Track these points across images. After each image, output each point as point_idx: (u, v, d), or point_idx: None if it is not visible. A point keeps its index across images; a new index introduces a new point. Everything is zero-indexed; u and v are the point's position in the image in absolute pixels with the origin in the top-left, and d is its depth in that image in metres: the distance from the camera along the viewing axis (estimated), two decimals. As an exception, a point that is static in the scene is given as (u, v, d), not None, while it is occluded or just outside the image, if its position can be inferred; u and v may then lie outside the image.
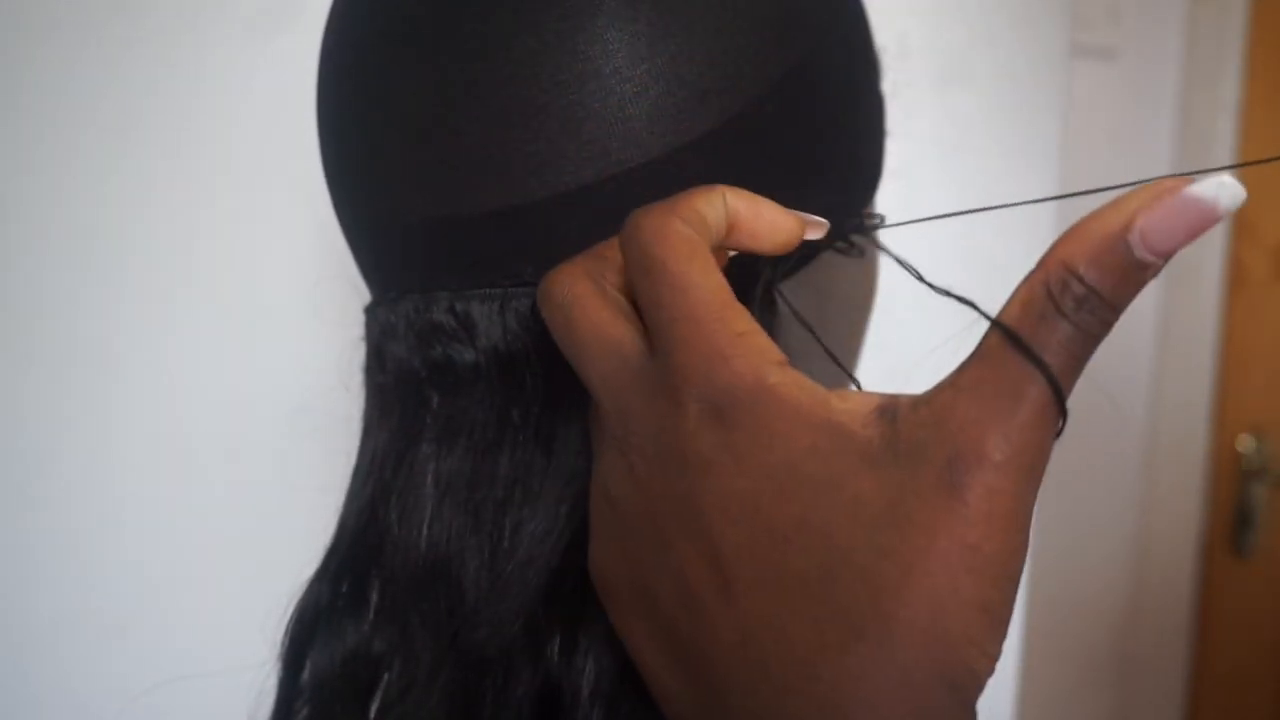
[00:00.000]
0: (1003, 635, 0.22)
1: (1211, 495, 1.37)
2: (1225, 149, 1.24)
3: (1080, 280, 0.21)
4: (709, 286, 0.24)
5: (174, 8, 0.65)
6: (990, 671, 0.22)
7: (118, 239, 0.66)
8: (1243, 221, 1.28)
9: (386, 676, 0.33)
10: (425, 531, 0.32)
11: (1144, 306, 1.32)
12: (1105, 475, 1.31)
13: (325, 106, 0.34)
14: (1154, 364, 1.35)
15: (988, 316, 0.23)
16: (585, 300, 0.26)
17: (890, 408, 0.23)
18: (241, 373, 0.69)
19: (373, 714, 0.33)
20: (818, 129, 0.33)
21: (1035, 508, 0.22)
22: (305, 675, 0.35)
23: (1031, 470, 0.22)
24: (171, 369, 0.68)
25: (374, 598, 0.34)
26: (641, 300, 0.25)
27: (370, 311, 0.35)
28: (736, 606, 0.23)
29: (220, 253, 0.68)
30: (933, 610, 0.21)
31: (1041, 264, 0.22)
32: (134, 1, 0.64)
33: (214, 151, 0.67)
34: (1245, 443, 1.37)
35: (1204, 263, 1.30)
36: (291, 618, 0.35)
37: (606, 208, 0.30)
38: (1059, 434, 0.22)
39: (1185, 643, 1.36)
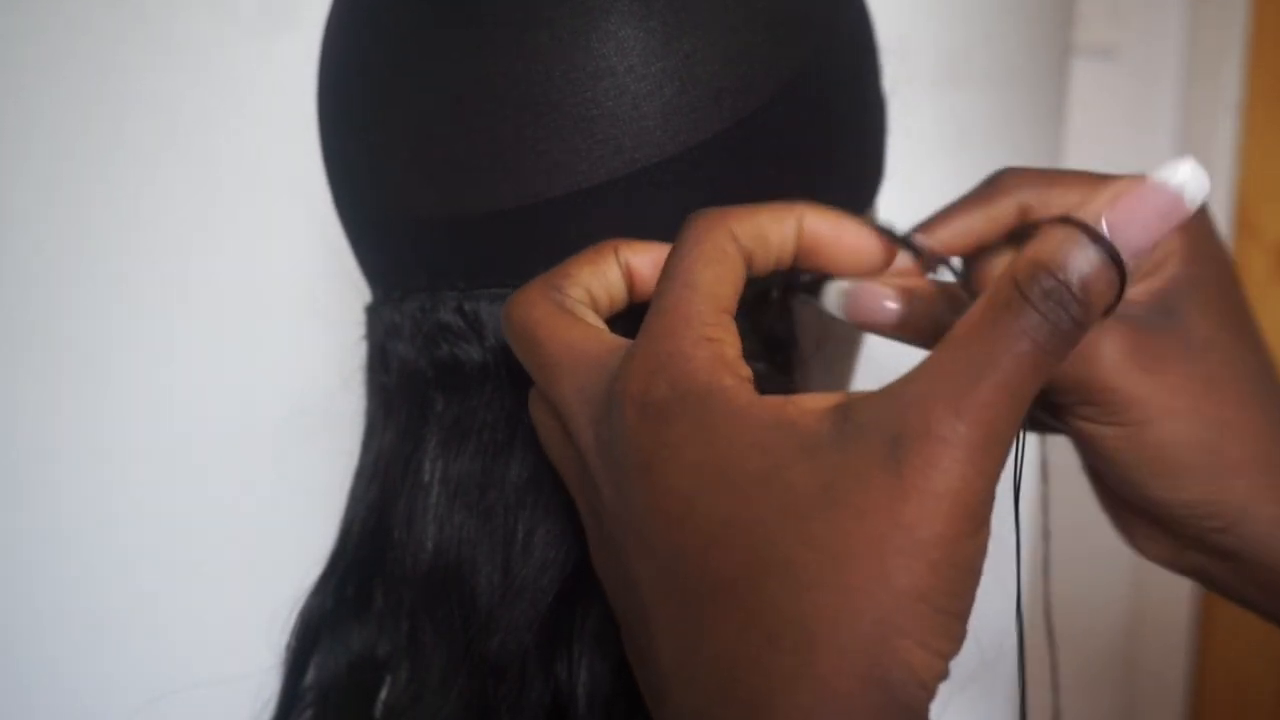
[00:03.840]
0: (954, 631, 0.20)
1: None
2: (1226, 149, 1.24)
3: (1050, 274, 0.20)
4: (703, 286, 0.24)
5: (173, 6, 0.64)
6: (939, 671, 0.20)
7: (116, 239, 0.65)
8: (1243, 221, 1.28)
9: (390, 681, 0.33)
10: (434, 535, 0.31)
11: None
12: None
13: (330, 103, 0.33)
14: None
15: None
16: (549, 320, 0.26)
17: (845, 401, 0.22)
18: (241, 373, 0.68)
19: (378, 718, 0.33)
20: (828, 128, 0.32)
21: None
22: (308, 680, 0.35)
23: (985, 449, 0.20)
24: (170, 369, 0.67)
25: (379, 602, 0.33)
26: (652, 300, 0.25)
27: (373, 311, 0.35)
28: (675, 617, 0.22)
29: (220, 252, 0.67)
30: (855, 601, 0.19)
31: (1010, 265, 0.21)
32: (133, 1, 0.64)
33: (213, 151, 0.66)
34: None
35: (1204, 263, 1.30)
36: (296, 622, 0.35)
37: (619, 207, 0.29)
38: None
39: (1187, 643, 1.35)
